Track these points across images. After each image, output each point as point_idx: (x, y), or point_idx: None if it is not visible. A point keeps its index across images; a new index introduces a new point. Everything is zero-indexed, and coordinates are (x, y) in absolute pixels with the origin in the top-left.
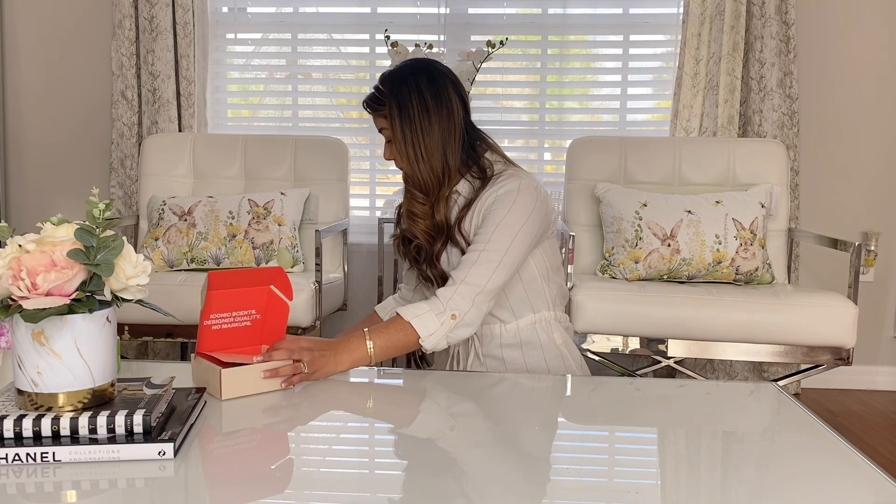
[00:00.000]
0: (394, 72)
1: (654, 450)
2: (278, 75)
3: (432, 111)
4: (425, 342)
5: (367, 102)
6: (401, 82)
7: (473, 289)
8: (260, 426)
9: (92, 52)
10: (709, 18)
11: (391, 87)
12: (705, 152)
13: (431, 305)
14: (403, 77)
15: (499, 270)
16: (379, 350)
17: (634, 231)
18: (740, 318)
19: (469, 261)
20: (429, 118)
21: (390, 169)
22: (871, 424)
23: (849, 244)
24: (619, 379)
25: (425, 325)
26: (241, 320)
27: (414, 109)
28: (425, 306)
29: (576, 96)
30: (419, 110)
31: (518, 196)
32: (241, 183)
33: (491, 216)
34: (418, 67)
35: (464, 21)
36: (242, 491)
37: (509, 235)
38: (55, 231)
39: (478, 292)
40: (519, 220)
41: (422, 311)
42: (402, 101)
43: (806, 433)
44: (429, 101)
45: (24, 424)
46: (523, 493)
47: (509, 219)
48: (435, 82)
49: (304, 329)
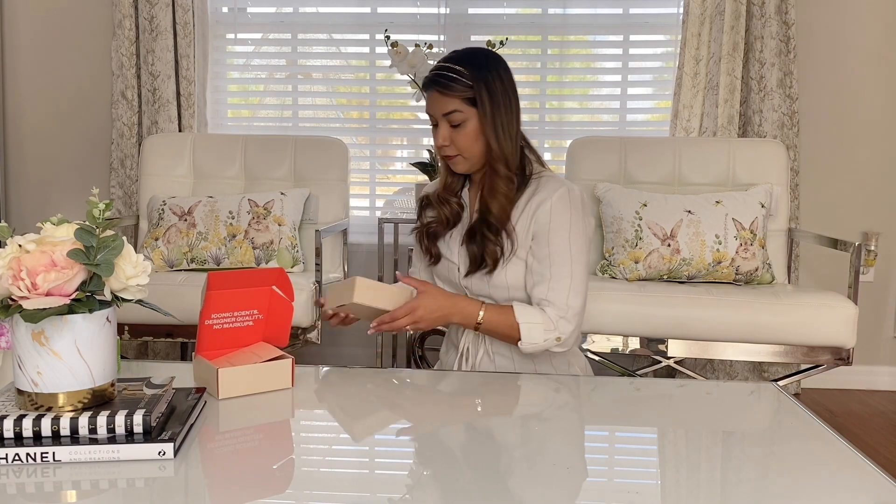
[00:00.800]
0: (469, 57)
1: (654, 450)
2: (278, 75)
3: (510, 94)
4: (523, 347)
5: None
6: (483, 66)
7: (577, 314)
8: (260, 426)
9: (92, 52)
10: (709, 18)
11: (475, 71)
12: (705, 152)
13: (543, 320)
14: (483, 61)
15: (585, 290)
16: (485, 328)
17: (634, 231)
18: (740, 318)
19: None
20: (508, 100)
21: (390, 169)
22: (871, 424)
23: (849, 244)
24: (619, 379)
25: (531, 334)
26: (243, 320)
27: (499, 90)
28: (539, 317)
29: (576, 96)
30: (502, 91)
31: (571, 206)
32: (241, 183)
33: (558, 229)
34: (492, 54)
35: (464, 21)
36: (242, 491)
37: (584, 251)
38: (55, 231)
39: (579, 316)
40: (583, 234)
41: (535, 320)
42: (488, 82)
43: (806, 433)
44: (506, 84)
45: (24, 424)
46: (523, 493)
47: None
48: (507, 69)
49: (303, 329)
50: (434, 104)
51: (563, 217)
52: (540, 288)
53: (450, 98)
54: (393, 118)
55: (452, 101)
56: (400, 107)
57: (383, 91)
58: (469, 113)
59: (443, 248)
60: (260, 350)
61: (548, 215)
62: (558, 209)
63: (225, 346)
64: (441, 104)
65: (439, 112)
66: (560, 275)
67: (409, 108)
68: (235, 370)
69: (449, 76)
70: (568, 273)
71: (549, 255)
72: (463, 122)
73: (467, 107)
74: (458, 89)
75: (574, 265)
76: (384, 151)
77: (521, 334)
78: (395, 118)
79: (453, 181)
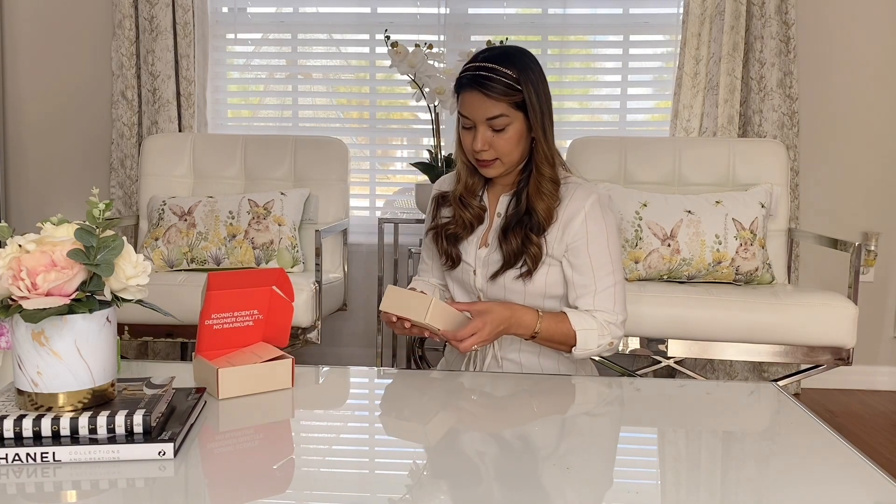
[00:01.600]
0: (509, 56)
1: (654, 450)
2: (278, 75)
3: (549, 94)
4: (576, 352)
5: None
6: (527, 67)
7: (625, 319)
8: (260, 426)
9: (92, 52)
10: (709, 18)
11: (522, 72)
12: (705, 152)
13: (597, 326)
14: (526, 62)
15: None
16: (542, 338)
17: (634, 231)
18: (740, 318)
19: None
20: (549, 101)
21: (390, 169)
22: (871, 424)
23: (849, 244)
24: (619, 379)
25: (586, 341)
26: (243, 320)
27: (543, 91)
28: (593, 324)
29: (576, 96)
30: (545, 93)
31: (604, 213)
32: (241, 183)
33: (596, 238)
34: (529, 53)
35: (464, 21)
36: (242, 491)
37: (620, 258)
38: (55, 231)
39: (625, 320)
40: (618, 238)
41: (590, 326)
42: (535, 84)
43: (806, 433)
44: (545, 84)
45: (24, 424)
46: (524, 493)
47: (612, 238)
48: (541, 68)
49: (303, 329)
50: (475, 107)
51: (599, 225)
52: (586, 299)
53: (496, 101)
54: (393, 118)
55: (498, 104)
56: (400, 107)
57: (383, 91)
58: (515, 116)
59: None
60: (260, 350)
61: (584, 225)
62: (593, 218)
63: (225, 346)
64: (485, 108)
65: (482, 116)
66: (605, 283)
67: (409, 108)
68: (235, 370)
69: (494, 77)
70: (612, 281)
71: (592, 266)
72: (506, 126)
73: (514, 111)
74: (504, 91)
75: (616, 273)
76: (384, 151)
77: (578, 341)
78: (395, 118)
79: (475, 182)
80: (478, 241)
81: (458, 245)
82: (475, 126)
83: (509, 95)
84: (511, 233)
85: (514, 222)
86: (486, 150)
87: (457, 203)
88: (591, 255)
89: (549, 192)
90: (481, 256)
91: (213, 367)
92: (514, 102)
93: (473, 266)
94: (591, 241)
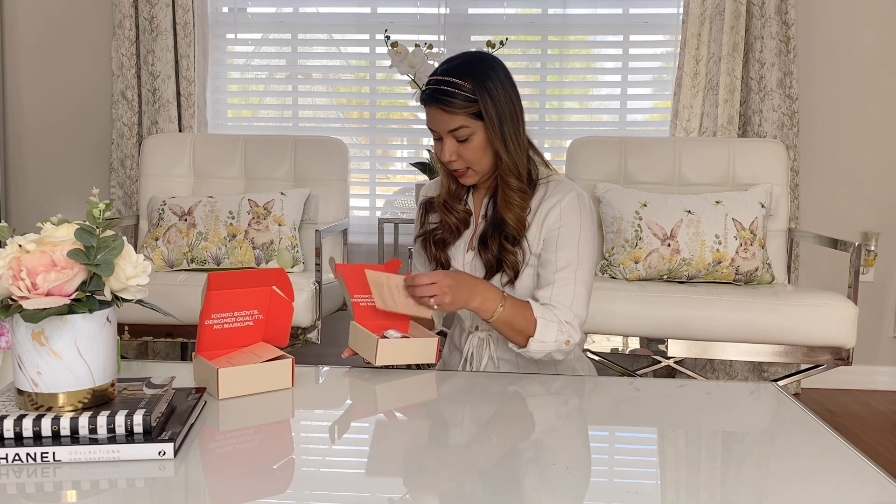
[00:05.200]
0: (466, 66)
1: (654, 450)
2: (278, 75)
3: (514, 100)
4: (532, 344)
5: (448, 101)
6: (483, 75)
7: (582, 322)
8: (260, 426)
9: (92, 52)
10: (709, 18)
11: (476, 81)
12: (705, 152)
13: (558, 321)
14: (483, 69)
15: (588, 297)
16: (503, 318)
17: (634, 231)
18: (740, 318)
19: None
20: (513, 107)
21: (390, 169)
22: (871, 424)
23: (849, 244)
24: (619, 379)
25: (545, 332)
26: (243, 320)
27: (503, 99)
28: (555, 317)
29: (576, 96)
30: (506, 100)
31: (581, 211)
32: (241, 183)
33: (567, 235)
34: (489, 58)
35: (464, 21)
36: (242, 491)
37: (590, 258)
38: (55, 231)
39: (583, 322)
40: (591, 239)
41: (552, 318)
42: (492, 92)
43: (806, 433)
44: (509, 90)
45: (24, 424)
46: (523, 493)
47: (583, 237)
48: (507, 72)
49: (303, 329)
50: (437, 121)
51: (574, 221)
52: (544, 291)
53: (453, 114)
54: (393, 118)
55: (456, 117)
56: (400, 107)
57: (383, 91)
58: (476, 126)
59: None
60: (260, 350)
61: (557, 220)
62: (568, 213)
63: (225, 346)
64: (444, 121)
65: (444, 129)
66: (565, 278)
67: (409, 109)
68: (235, 370)
69: (451, 91)
70: (573, 277)
71: (556, 259)
72: (470, 137)
73: (473, 121)
74: (461, 105)
75: (580, 270)
76: (384, 151)
77: (537, 330)
78: (395, 118)
79: (458, 187)
80: (465, 246)
81: (447, 250)
82: (442, 138)
83: (465, 107)
84: (489, 240)
85: (491, 231)
86: (455, 160)
87: (441, 208)
88: (559, 248)
89: (517, 203)
90: (468, 261)
91: (213, 367)
92: (472, 113)
93: (463, 270)
94: (561, 236)
